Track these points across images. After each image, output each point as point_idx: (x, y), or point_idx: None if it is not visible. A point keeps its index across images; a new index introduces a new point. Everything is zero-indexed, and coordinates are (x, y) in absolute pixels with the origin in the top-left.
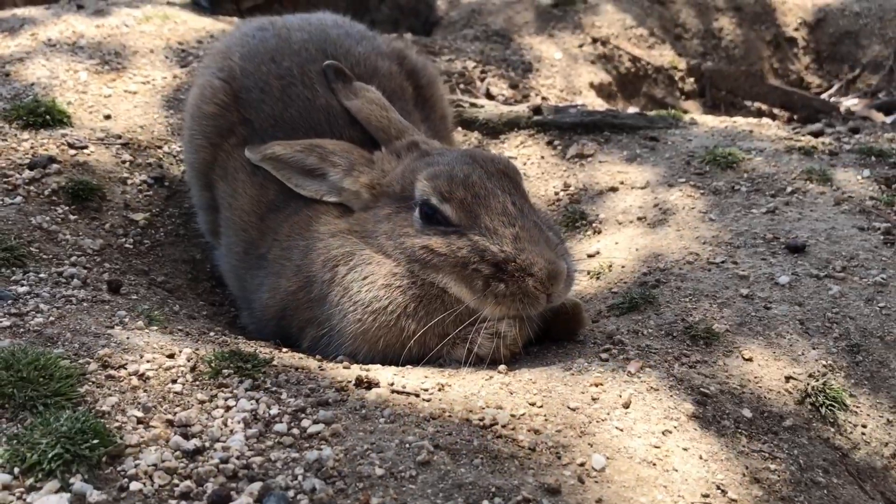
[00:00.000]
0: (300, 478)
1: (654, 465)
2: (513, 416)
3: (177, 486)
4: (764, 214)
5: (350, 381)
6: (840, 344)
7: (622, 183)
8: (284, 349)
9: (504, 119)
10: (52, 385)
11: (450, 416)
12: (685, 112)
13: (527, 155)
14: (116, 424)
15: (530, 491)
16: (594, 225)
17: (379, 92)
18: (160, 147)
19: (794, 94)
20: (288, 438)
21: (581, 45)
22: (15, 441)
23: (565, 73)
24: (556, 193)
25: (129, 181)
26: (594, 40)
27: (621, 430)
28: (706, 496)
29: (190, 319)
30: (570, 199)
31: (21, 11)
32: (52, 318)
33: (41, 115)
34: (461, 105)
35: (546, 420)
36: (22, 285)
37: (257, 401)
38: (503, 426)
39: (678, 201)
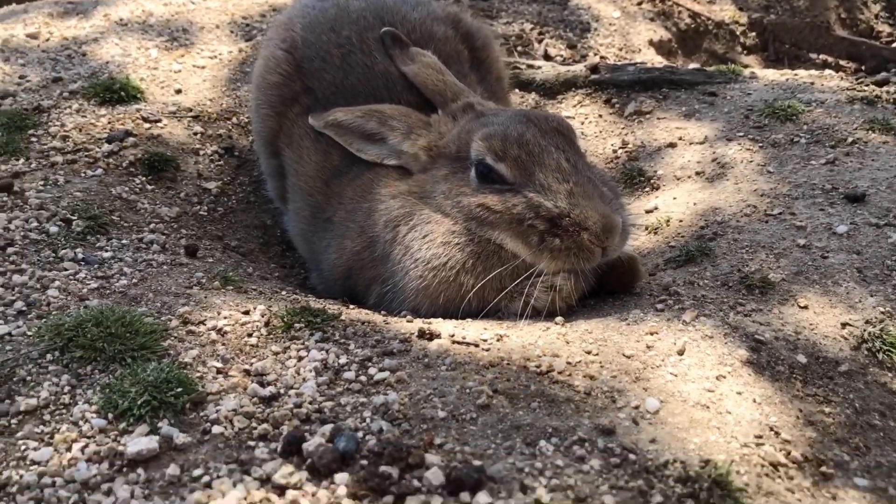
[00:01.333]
0: (368, 420)
1: (708, 407)
2: (569, 363)
3: (255, 428)
4: (823, 165)
5: (413, 333)
6: None
7: (680, 139)
8: (352, 306)
9: (561, 79)
10: (138, 340)
11: (508, 363)
12: (746, 67)
13: (584, 114)
14: (198, 374)
15: (586, 431)
16: (652, 181)
17: (434, 56)
18: (229, 119)
19: (863, 44)
20: (356, 385)
21: (640, 3)
22: (108, 390)
23: (623, 31)
24: (615, 151)
25: (202, 152)
26: None
27: (675, 376)
28: (759, 437)
29: (263, 280)
30: (628, 156)
31: None
32: (134, 280)
33: (116, 91)
34: (518, 67)
35: (601, 367)
36: (106, 251)
37: (327, 351)
38: (559, 372)
39: (736, 155)
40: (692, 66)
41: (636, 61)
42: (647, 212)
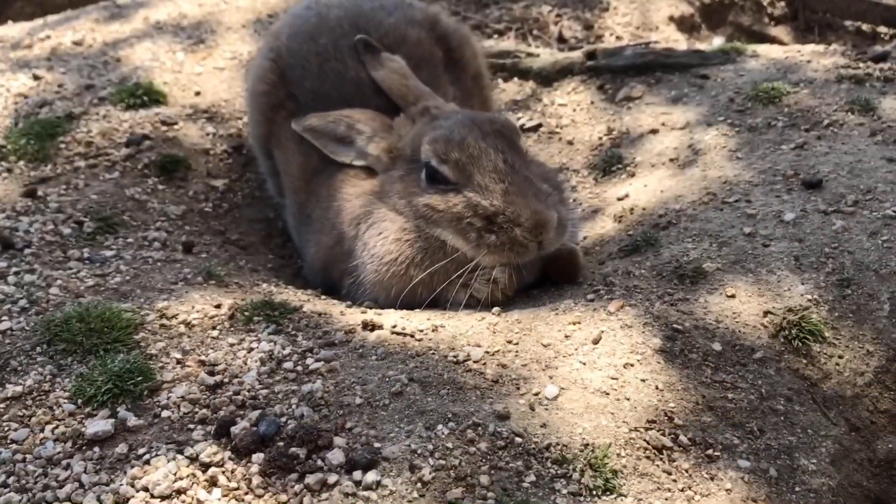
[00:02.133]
0: (294, 406)
1: (608, 394)
2: (487, 352)
3: (196, 413)
4: (792, 150)
5: (358, 325)
6: (831, 278)
7: (663, 124)
8: (323, 297)
9: (558, 66)
10: (113, 334)
11: (433, 353)
12: (773, 39)
13: (577, 101)
14: (160, 365)
15: (482, 417)
16: (629, 168)
17: (403, 61)
18: (240, 118)
19: None
20: (292, 374)
21: None
22: (80, 378)
23: (643, 8)
24: (600, 138)
25: (212, 151)
26: None
27: (584, 364)
28: (651, 422)
29: (252, 273)
30: (611, 143)
31: None
32: (128, 278)
33: (140, 96)
34: (518, 56)
35: (516, 355)
36: (111, 249)
37: (275, 343)
38: (475, 361)
39: (712, 141)
40: (718, 40)
41: (635, 44)
42: (619, 199)
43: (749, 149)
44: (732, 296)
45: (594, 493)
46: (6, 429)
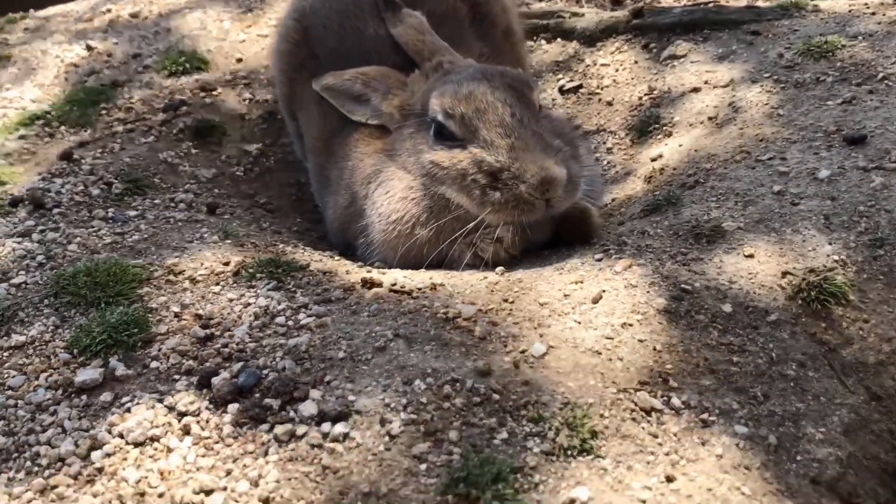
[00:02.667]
0: (277, 359)
1: (599, 353)
2: (480, 310)
3: (183, 364)
4: (839, 105)
5: (357, 283)
6: (863, 238)
7: (706, 83)
8: (337, 258)
9: (602, 26)
10: (118, 287)
11: (426, 310)
12: None
13: (620, 61)
14: (158, 318)
15: (463, 373)
16: (666, 128)
17: (422, 17)
18: None
19: None
20: (282, 328)
21: None
22: (79, 329)
23: None
24: (640, 98)
25: (247, 117)
26: None
27: (579, 323)
28: (643, 383)
29: (274, 234)
30: (651, 102)
31: None
32: (146, 236)
33: (182, 63)
34: (561, 16)
35: (509, 314)
36: (136, 209)
37: (272, 298)
38: (465, 319)
39: (754, 98)
40: None
41: (687, 2)
42: (652, 160)
43: (792, 105)
44: (750, 256)
45: (568, 452)
46: (5, 376)
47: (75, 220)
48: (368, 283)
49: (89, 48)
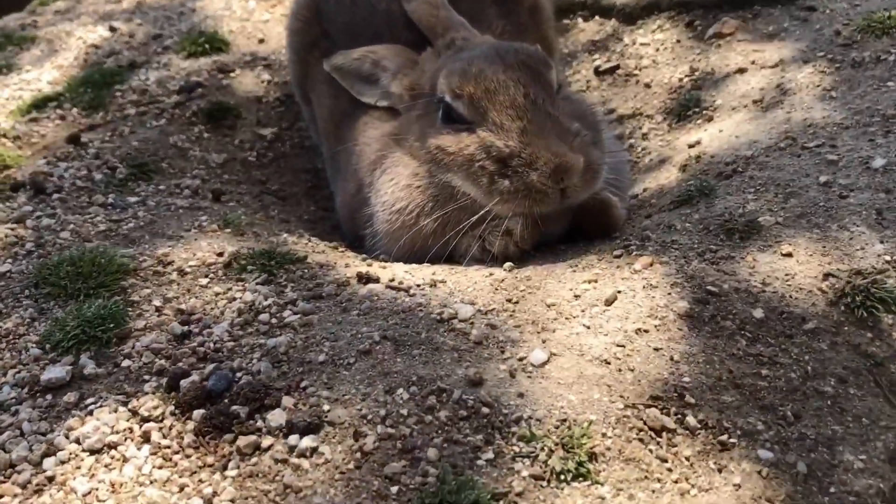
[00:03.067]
0: (254, 360)
1: (608, 363)
2: (479, 311)
3: (155, 364)
4: None
5: (353, 277)
6: None
7: (753, 63)
8: (341, 249)
9: (644, 2)
10: (100, 278)
11: (420, 309)
12: None
13: (661, 40)
14: (138, 312)
15: (451, 382)
16: (706, 112)
17: None
18: None
19: None
20: (264, 327)
21: None
22: (54, 323)
23: None
24: (680, 80)
25: (264, 99)
26: None
27: (587, 328)
28: (656, 398)
29: (282, 223)
30: (692, 85)
31: None
32: (142, 224)
33: (201, 44)
34: None
35: (511, 316)
36: (138, 196)
37: (260, 293)
38: (462, 320)
39: (804, 79)
40: None
41: None
42: (689, 146)
43: (847, 87)
44: (788, 255)
45: (561, 477)
46: None
47: (74, 205)
48: (364, 279)
49: (112, 29)
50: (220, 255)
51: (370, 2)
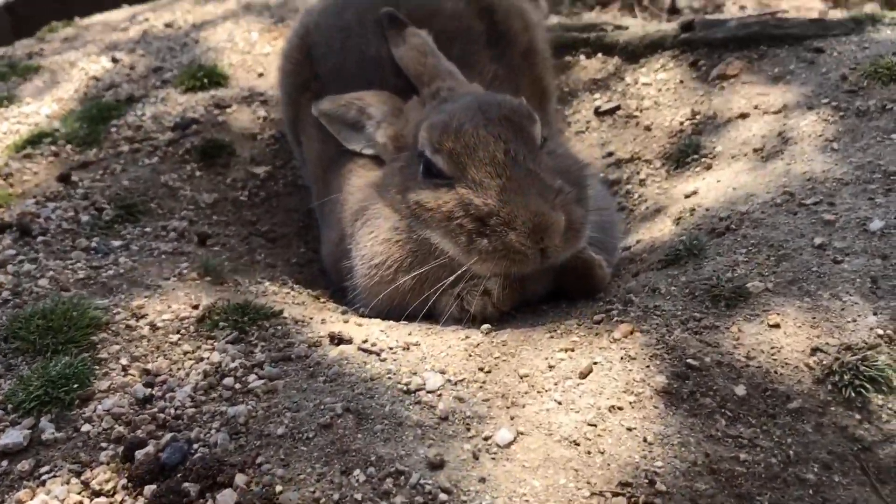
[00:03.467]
0: (213, 431)
1: (578, 444)
2: (449, 381)
3: (114, 429)
4: None
5: (325, 337)
6: None
7: (756, 107)
8: (322, 300)
9: (647, 40)
10: (70, 333)
11: (389, 377)
12: None
13: (664, 80)
14: (104, 371)
15: (411, 464)
16: (706, 159)
17: (427, 36)
18: None
19: None
20: (227, 392)
21: None
22: (18, 381)
23: None
24: (681, 123)
25: (259, 136)
26: None
27: (559, 403)
28: (625, 485)
29: (267, 268)
30: (693, 129)
31: None
32: (122, 271)
33: (200, 78)
34: (604, 29)
35: (481, 387)
36: (123, 239)
37: (227, 353)
38: (430, 392)
39: (807, 128)
40: (870, 6)
41: (742, 15)
42: (686, 196)
43: (850, 137)
44: (776, 325)
45: None
46: None
47: (57, 249)
48: (336, 339)
49: (114, 60)
50: (196, 307)
51: (359, 46)
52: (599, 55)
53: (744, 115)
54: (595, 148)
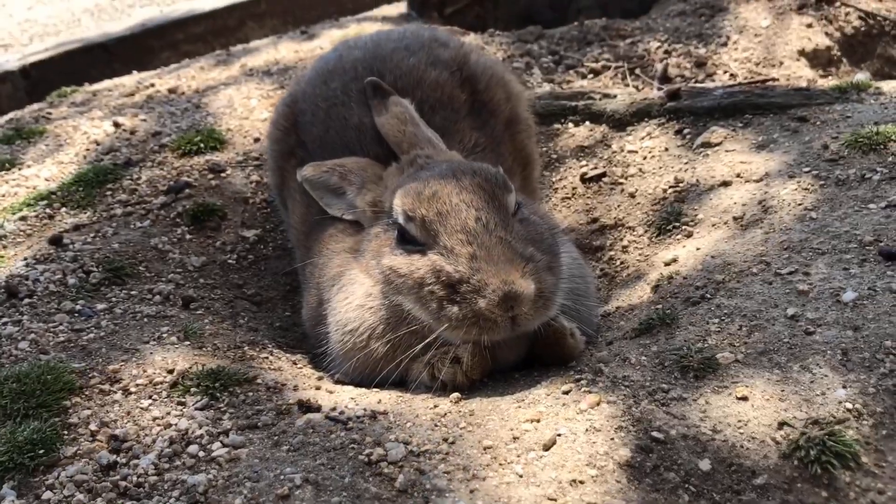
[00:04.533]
0: (172, 500)
1: None
2: (412, 452)
3: (74, 497)
4: (882, 210)
5: (294, 404)
6: (886, 382)
7: (738, 176)
8: (299, 366)
9: (634, 108)
10: (43, 397)
11: (353, 447)
12: None
13: (649, 147)
14: (72, 436)
15: None
16: (687, 227)
17: (409, 105)
18: None
19: None
20: (192, 460)
21: (801, 7)
22: None
23: (768, 42)
24: (664, 191)
25: (251, 200)
26: (818, 0)
27: (520, 476)
28: None
29: (249, 332)
30: (676, 196)
31: (256, 42)
32: (103, 334)
33: (196, 143)
34: (592, 97)
35: (444, 459)
36: (108, 302)
37: (195, 420)
38: (391, 463)
39: (787, 196)
40: (861, 75)
41: (730, 84)
42: (666, 263)
43: (829, 207)
44: (744, 398)
45: None
46: None
47: (42, 312)
48: (305, 407)
49: (116, 125)
50: (171, 371)
51: (343, 115)
52: (587, 123)
53: (726, 183)
54: (581, 214)
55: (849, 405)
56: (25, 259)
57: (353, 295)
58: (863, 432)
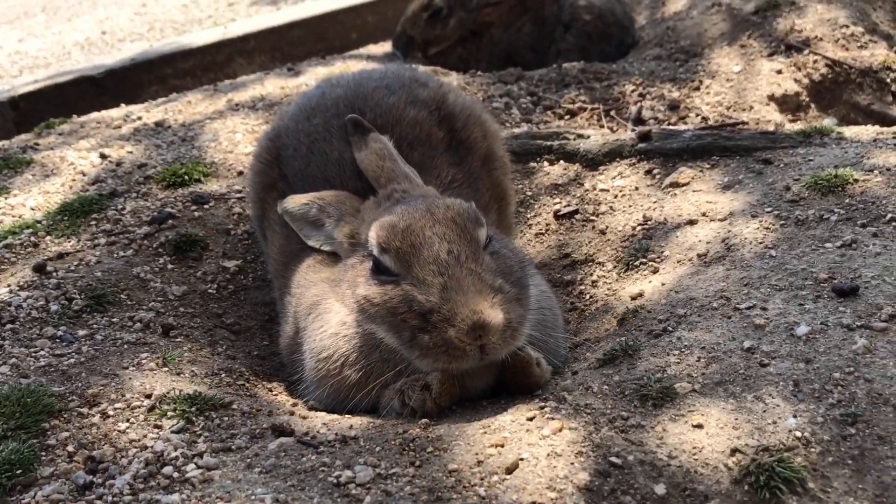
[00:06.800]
0: None
1: None
2: (379, 475)
3: None
4: (837, 249)
5: (268, 428)
6: (833, 412)
7: (704, 215)
8: (276, 392)
9: (606, 149)
10: (22, 420)
11: (322, 469)
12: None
13: (620, 186)
14: (50, 457)
15: None
16: (653, 263)
17: (388, 142)
18: None
19: None
20: (166, 481)
21: (771, 54)
22: None
23: (740, 87)
24: (634, 228)
25: (232, 232)
26: (788, 47)
27: (483, 498)
28: None
29: (227, 360)
30: (644, 234)
31: (243, 78)
32: (83, 360)
33: (181, 175)
34: (566, 137)
35: (410, 482)
36: (89, 328)
37: (171, 443)
38: (358, 485)
39: (749, 235)
40: (828, 121)
41: (700, 126)
42: (632, 298)
43: (788, 245)
44: (699, 426)
45: None
46: None
47: (23, 337)
48: (278, 431)
49: (103, 156)
50: (149, 396)
51: (324, 150)
52: (562, 162)
53: (692, 222)
54: (553, 249)
55: (798, 433)
56: (9, 286)
57: (329, 323)
58: (810, 459)
